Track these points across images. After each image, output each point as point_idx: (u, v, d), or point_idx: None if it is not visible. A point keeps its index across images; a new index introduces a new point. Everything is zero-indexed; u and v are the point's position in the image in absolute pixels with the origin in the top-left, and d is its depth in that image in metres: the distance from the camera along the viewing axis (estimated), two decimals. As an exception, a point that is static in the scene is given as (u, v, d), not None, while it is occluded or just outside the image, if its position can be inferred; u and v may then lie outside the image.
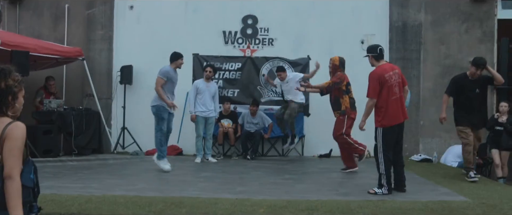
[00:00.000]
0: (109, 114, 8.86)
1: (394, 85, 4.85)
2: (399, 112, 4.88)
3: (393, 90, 4.82)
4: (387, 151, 4.87)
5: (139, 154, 8.38)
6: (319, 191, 5.18)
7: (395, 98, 4.85)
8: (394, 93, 4.83)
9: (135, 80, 8.78)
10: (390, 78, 4.84)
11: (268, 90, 8.93)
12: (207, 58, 8.89)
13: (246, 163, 7.65)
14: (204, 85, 7.73)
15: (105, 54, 8.94)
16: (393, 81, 4.84)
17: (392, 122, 4.85)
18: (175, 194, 4.82)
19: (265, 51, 8.90)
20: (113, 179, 5.86)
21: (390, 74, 4.85)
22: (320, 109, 8.80)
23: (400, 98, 4.88)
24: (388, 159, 4.87)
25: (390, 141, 4.88)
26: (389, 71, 4.87)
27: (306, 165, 7.69)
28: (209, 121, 7.75)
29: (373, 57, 5.01)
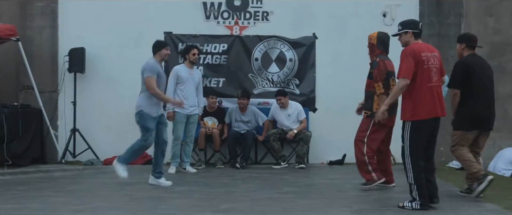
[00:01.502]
0: (55, 112, 8.82)
1: (432, 70, 4.86)
2: (436, 104, 4.86)
3: (430, 75, 4.83)
4: (416, 153, 4.86)
5: (95, 163, 8.37)
6: (327, 208, 5.21)
7: (432, 85, 4.85)
8: (430, 79, 4.83)
9: (88, 68, 8.74)
10: (428, 59, 4.85)
11: (263, 78, 8.93)
12: (183, 38, 8.89)
13: (234, 173, 7.64)
14: (187, 72, 7.66)
15: (48, 33, 8.88)
16: (431, 65, 4.86)
17: (426, 114, 4.82)
18: (142, 214, 4.78)
19: (258, 29, 8.92)
20: (59, 196, 5.83)
21: (428, 56, 4.87)
22: (330, 102, 8.86)
23: (438, 88, 4.89)
24: (417, 164, 4.86)
25: (422, 140, 4.87)
26: (426, 51, 4.88)
27: (311, 175, 7.70)
28: (191, 120, 7.72)
29: (413, 34, 5.01)
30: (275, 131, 8.33)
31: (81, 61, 8.61)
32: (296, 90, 8.88)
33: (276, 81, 8.92)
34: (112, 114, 8.75)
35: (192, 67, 7.77)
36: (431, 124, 4.90)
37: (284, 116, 8.46)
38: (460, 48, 5.86)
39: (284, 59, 8.92)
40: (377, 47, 6.10)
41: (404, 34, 5.05)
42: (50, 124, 8.58)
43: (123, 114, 8.69)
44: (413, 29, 5.03)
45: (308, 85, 8.92)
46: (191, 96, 7.64)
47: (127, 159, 6.42)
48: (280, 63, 8.92)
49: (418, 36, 5.04)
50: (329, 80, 8.82)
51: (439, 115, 4.92)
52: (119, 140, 8.60)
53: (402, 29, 5.09)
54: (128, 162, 6.45)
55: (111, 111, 8.75)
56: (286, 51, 8.93)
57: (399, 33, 5.13)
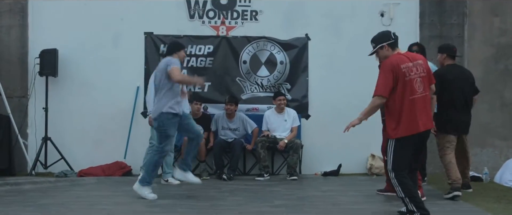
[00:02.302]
0: (25, 119, 8.77)
1: (415, 81, 4.89)
2: (422, 116, 4.90)
3: (413, 86, 4.87)
4: (399, 170, 4.92)
5: (69, 174, 8.32)
6: (322, 222, 5.22)
7: (416, 97, 4.89)
8: (414, 91, 4.87)
9: (61, 71, 8.70)
10: (409, 70, 4.89)
11: (252, 83, 8.93)
12: (165, 38, 8.87)
13: (221, 185, 7.61)
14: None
15: (17, 33, 8.84)
16: (414, 75, 4.89)
17: (410, 130, 4.88)
18: (118, 230, 4.77)
19: (246, 29, 8.94)
20: (29, 211, 5.76)
21: (409, 66, 4.90)
22: (324, 108, 8.86)
23: (424, 99, 4.93)
24: (402, 177, 4.91)
25: (405, 157, 4.94)
26: (406, 62, 4.92)
27: (304, 187, 7.69)
28: None
29: (389, 46, 5.05)
30: (264, 138, 8.32)
31: (53, 64, 8.56)
32: (288, 95, 8.87)
33: (266, 86, 8.92)
34: (87, 121, 8.73)
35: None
36: (417, 139, 4.96)
37: (280, 121, 8.46)
38: (441, 58, 6.80)
39: (274, 62, 8.93)
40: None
41: (380, 49, 5.08)
42: (19, 132, 8.53)
43: (99, 121, 8.70)
44: (387, 41, 5.07)
45: (300, 90, 8.94)
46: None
47: (151, 177, 6.39)
48: (270, 66, 8.94)
49: (395, 45, 5.07)
50: (323, 84, 8.85)
51: (425, 128, 4.94)
52: (95, 150, 8.63)
53: (376, 46, 5.12)
54: (152, 180, 6.41)
55: (86, 118, 8.73)
56: (276, 54, 8.94)
57: (375, 51, 5.14)
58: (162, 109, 6.31)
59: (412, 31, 8.62)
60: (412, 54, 5.17)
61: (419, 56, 5.12)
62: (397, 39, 5.11)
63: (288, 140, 8.29)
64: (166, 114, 6.30)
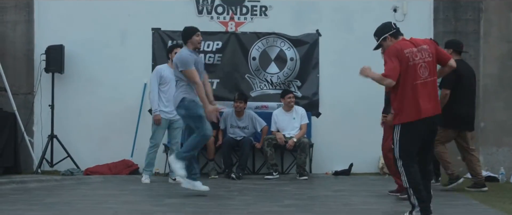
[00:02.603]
0: (30, 116, 8.83)
1: (420, 66, 4.94)
2: (426, 102, 4.92)
3: (417, 72, 4.91)
4: (406, 157, 4.94)
5: (75, 173, 8.37)
6: (333, 222, 5.24)
7: (421, 82, 4.92)
8: (417, 76, 4.91)
9: (67, 68, 8.75)
10: (413, 56, 4.93)
11: (261, 80, 8.96)
12: (173, 34, 8.89)
13: (229, 184, 7.64)
14: (170, 73, 7.67)
15: (22, 28, 8.89)
16: (418, 60, 4.93)
17: (414, 115, 4.90)
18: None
19: (255, 25, 8.97)
20: (35, 210, 5.78)
21: (413, 51, 4.95)
22: (335, 105, 8.87)
23: (429, 84, 4.96)
24: (409, 166, 4.93)
25: (411, 144, 4.95)
26: (410, 47, 4.97)
27: (315, 186, 7.72)
28: (175, 125, 7.80)
29: (392, 36, 5.11)
30: (272, 136, 8.36)
31: (60, 60, 8.60)
32: (298, 93, 8.89)
33: (276, 83, 8.94)
34: (93, 118, 8.78)
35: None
36: (422, 125, 4.95)
37: (289, 119, 8.47)
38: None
39: (284, 58, 8.94)
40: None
41: (384, 41, 5.15)
42: (25, 130, 8.58)
43: (106, 119, 8.74)
44: (388, 32, 5.14)
45: (310, 87, 8.95)
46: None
47: (187, 155, 6.37)
48: (280, 63, 8.95)
49: (397, 34, 5.13)
50: (334, 81, 8.84)
51: (429, 114, 4.93)
52: (102, 148, 8.68)
53: (379, 39, 5.18)
54: (186, 158, 6.37)
55: (93, 115, 8.78)
56: (286, 50, 8.96)
57: (379, 44, 5.19)
58: (183, 95, 6.33)
59: (426, 27, 8.60)
60: (417, 39, 5.16)
61: (424, 41, 5.10)
62: (398, 29, 5.16)
63: (297, 138, 8.31)
64: (187, 99, 6.32)
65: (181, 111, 6.41)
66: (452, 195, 6.68)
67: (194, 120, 6.36)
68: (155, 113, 7.64)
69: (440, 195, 6.52)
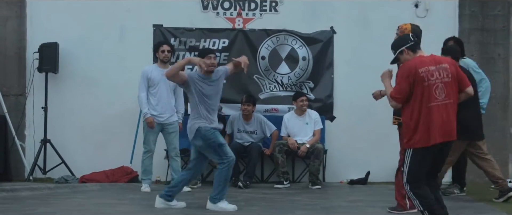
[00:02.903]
0: (22, 119, 8.80)
1: (436, 86, 4.92)
2: (441, 126, 4.90)
3: (433, 93, 4.90)
4: (414, 183, 4.96)
5: (70, 180, 8.32)
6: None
7: (434, 105, 4.91)
8: (432, 98, 4.90)
9: (62, 67, 8.72)
10: (429, 75, 4.90)
11: (271, 81, 8.89)
12: (175, 31, 8.87)
13: (236, 193, 7.58)
14: (159, 73, 7.73)
15: (14, 25, 8.86)
16: (435, 80, 4.91)
17: (426, 141, 4.90)
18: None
19: (265, 21, 8.93)
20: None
21: (430, 70, 4.92)
22: (351, 109, 8.80)
23: (446, 107, 4.94)
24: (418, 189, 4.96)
25: (421, 169, 4.97)
26: (427, 65, 4.95)
27: (329, 196, 7.64)
28: (169, 129, 7.83)
29: (409, 49, 5.09)
30: (284, 141, 8.27)
31: (54, 59, 8.59)
32: (311, 95, 8.84)
33: (287, 84, 8.86)
34: (90, 121, 8.76)
35: (166, 66, 7.82)
36: (434, 150, 4.96)
37: (301, 125, 8.39)
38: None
39: (296, 57, 8.90)
40: None
41: (400, 54, 5.13)
42: (16, 134, 8.60)
43: (103, 122, 8.76)
44: (405, 45, 5.11)
45: (324, 89, 8.89)
46: (165, 101, 7.76)
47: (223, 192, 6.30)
48: (291, 62, 8.90)
49: (415, 48, 5.11)
50: (350, 82, 8.78)
51: (443, 139, 4.91)
52: (98, 153, 8.70)
53: (396, 52, 5.17)
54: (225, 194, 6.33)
55: (89, 118, 8.76)
56: (298, 49, 8.89)
57: (396, 57, 5.18)
58: (198, 125, 6.22)
59: (451, 24, 8.55)
60: (438, 57, 5.17)
61: (445, 59, 5.11)
62: (418, 41, 5.18)
63: (309, 145, 8.22)
64: (204, 129, 6.20)
65: (198, 141, 6.27)
66: (476, 207, 6.59)
67: (214, 149, 6.22)
68: (146, 116, 7.65)
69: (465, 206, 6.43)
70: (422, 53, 5.08)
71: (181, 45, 8.89)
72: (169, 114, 7.77)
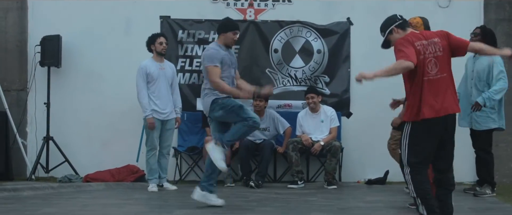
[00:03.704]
0: (24, 116, 8.87)
1: (429, 61, 5.00)
2: (436, 100, 4.96)
3: (425, 66, 4.99)
4: (415, 161, 4.95)
5: (74, 179, 8.39)
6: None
7: (427, 79, 4.98)
8: (426, 72, 4.99)
9: (65, 61, 8.77)
10: (424, 49, 5.00)
11: (284, 75, 8.91)
12: (184, 23, 8.92)
13: (247, 193, 7.63)
14: (157, 68, 7.80)
15: (14, 17, 8.93)
16: (428, 54, 4.99)
17: (425, 113, 4.94)
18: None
19: (278, 13, 8.94)
20: (27, 221, 5.84)
21: (424, 44, 5.01)
22: (368, 104, 8.79)
23: (438, 81, 5.01)
24: (417, 173, 4.95)
25: (422, 145, 4.97)
26: (420, 39, 5.04)
27: (345, 196, 7.65)
28: (167, 126, 7.92)
29: (398, 28, 5.19)
30: (298, 139, 8.30)
31: (56, 53, 8.63)
32: (326, 90, 8.85)
33: (301, 79, 8.88)
34: (94, 118, 8.82)
35: (162, 60, 7.88)
36: (435, 125, 4.95)
37: (316, 122, 8.42)
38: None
39: (310, 50, 8.91)
40: None
41: (390, 35, 5.22)
42: (18, 131, 8.64)
43: (108, 119, 8.82)
44: (394, 24, 5.20)
45: (340, 84, 8.90)
46: (165, 97, 7.85)
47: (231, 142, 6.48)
48: (305, 55, 8.91)
49: (404, 26, 5.20)
50: (367, 77, 8.75)
51: (444, 113, 4.95)
52: (103, 151, 8.78)
53: (386, 33, 5.27)
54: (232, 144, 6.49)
55: (94, 115, 8.82)
56: (313, 41, 8.91)
57: (386, 38, 5.25)
58: (214, 97, 6.30)
59: (475, 14, 8.51)
60: (427, 32, 5.24)
61: (436, 33, 5.13)
62: (405, 20, 5.21)
63: (325, 142, 8.24)
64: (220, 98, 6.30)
65: (218, 113, 6.33)
66: (503, 209, 6.57)
67: (236, 112, 6.29)
68: (147, 117, 7.70)
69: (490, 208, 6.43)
70: (411, 30, 5.17)
71: (190, 37, 8.93)
72: (169, 110, 7.87)
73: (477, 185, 7.44)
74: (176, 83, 8.07)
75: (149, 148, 7.84)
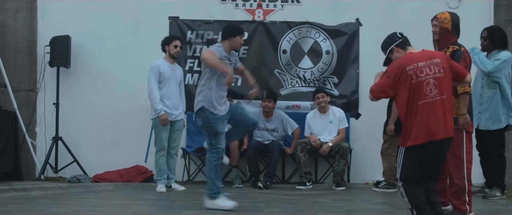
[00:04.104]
0: (33, 116, 8.92)
1: (427, 82, 4.96)
2: (434, 123, 4.93)
3: (423, 90, 4.95)
4: (407, 181, 5.01)
5: (82, 180, 8.42)
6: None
7: (427, 102, 4.95)
8: (423, 95, 4.95)
9: (74, 61, 8.82)
10: (418, 71, 4.95)
11: (293, 76, 8.91)
12: (192, 24, 8.96)
13: (255, 194, 7.63)
14: (169, 68, 7.82)
15: (24, 17, 8.98)
16: (424, 77, 4.95)
17: (420, 138, 4.93)
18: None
19: (286, 13, 8.97)
20: (37, 221, 5.85)
21: (419, 67, 4.96)
22: (377, 106, 8.70)
23: (437, 103, 4.97)
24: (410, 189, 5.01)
25: (414, 168, 5.01)
26: (416, 61, 4.99)
27: (353, 198, 7.66)
28: (176, 126, 7.97)
29: (398, 47, 5.19)
30: (306, 140, 8.29)
31: (65, 53, 8.67)
32: (334, 91, 8.86)
33: (310, 79, 8.89)
34: (103, 118, 8.84)
35: (174, 62, 7.95)
36: (429, 148, 4.95)
37: (325, 123, 8.43)
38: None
39: (319, 51, 8.93)
40: (452, 33, 5.94)
41: (391, 54, 5.22)
42: (27, 131, 8.66)
43: (117, 119, 8.83)
44: (393, 43, 5.20)
45: (349, 85, 8.91)
46: (175, 98, 7.90)
47: (218, 184, 6.31)
48: (314, 56, 8.93)
49: (404, 44, 5.19)
50: (377, 78, 8.74)
51: (438, 137, 4.92)
52: (112, 151, 8.77)
53: (386, 52, 5.26)
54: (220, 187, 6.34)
55: (103, 115, 8.84)
56: (321, 42, 8.91)
57: (388, 56, 5.25)
58: (202, 104, 6.25)
59: (485, 15, 8.52)
60: (429, 52, 5.18)
61: (437, 54, 5.12)
62: (405, 38, 5.19)
63: (333, 144, 8.24)
64: (207, 111, 6.24)
65: (198, 119, 6.36)
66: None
67: (211, 133, 6.27)
68: (159, 113, 7.71)
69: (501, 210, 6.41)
70: (412, 49, 5.14)
71: (198, 38, 8.95)
72: (179, 111, 7.92)
73: (486, 187, 7.39)
74: (183, 86, 8.16)
75: (158, 148, 7.86)
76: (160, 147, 7.84)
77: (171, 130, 7.89)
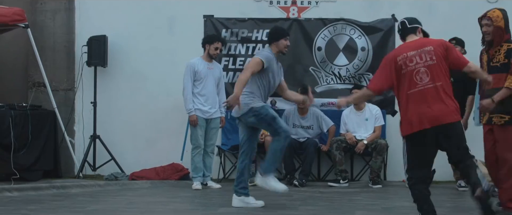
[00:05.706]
0: (71, 115, 9.06)
1: (417, 71, 4.95)
2: (426, 110, 4.90)
3: (413, 79, 4.96)
4: (412, 174, 5.08)
5: (120, 177, 8.54)
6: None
7: (417, 91, 4.94)
8: (415, 84, 4.95)
9: (111, 60, 8.94)
10: (407, 61, 4.97)
11: (328, 73, 8.90)
12: (227, 22, 8.99)
13: (291, 192, 7.49)
14: (205, 67, 7.86)
15: (63, 18, 9.11)
16: (414, 65, 4.96)
17: (412, 127, 4.96)
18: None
19: (321, 10, 8.96)
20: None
21: (408, 56, 4.98)
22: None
23: (432, 90, 4.94)
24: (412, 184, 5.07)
25: (416, 158, 5.04)
26: (406, 51, 5.02)
27: (390, 196, 7.66)
28: (212, 125, 8.00)
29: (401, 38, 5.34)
30: (342, 137, 8.30)
31: (102, 53, 8.77)
32: (370, 88, 8.80)
33: (345, 76, 8.87)
34: (140, 117, 8.94)
35: (211, 60, 7.96)
36: (424, 137, 4.92)
37: (360, 120, 8.42)
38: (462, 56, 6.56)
39: (354, 48, 8.90)
40: (506, 30, 5.76)
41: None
42: (66, 129, 8.76)
43: (153, 117, 8.86)
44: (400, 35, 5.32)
45: (385, 82, 8.82)
46: (211, 96, 7.92)
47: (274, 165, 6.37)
48: (349, 53, 8.90)
49: (404, 34, 5.23)
50: (413, 74, 8.67)
51: (425, 126, 4.87)
52: (149, 149, 8.80)
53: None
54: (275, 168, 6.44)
55: (139, 114, 8.94)
56: (357, 39, 8.89)
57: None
58: (251, 105, 6.25)
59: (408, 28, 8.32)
60: (424, 40, 5.16)
61: (431, 42, 5.09)
62: (406, 27, 5.20)
63: (369, 141, 8.21)
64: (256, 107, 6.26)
65: (250, 118, 6.33)
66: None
67: (268, 122, 6.30)
68: (190, 113, 7.79)
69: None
70: (411, 38, 5.14)
71: (233, 36, 8.97)
72: (215, 109, 7.94)
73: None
74: (222, 84, 8.16)
75: (194, 146, 7.92)
76: (195, 145, 7.91)
77: (207, 128, 7.95)
